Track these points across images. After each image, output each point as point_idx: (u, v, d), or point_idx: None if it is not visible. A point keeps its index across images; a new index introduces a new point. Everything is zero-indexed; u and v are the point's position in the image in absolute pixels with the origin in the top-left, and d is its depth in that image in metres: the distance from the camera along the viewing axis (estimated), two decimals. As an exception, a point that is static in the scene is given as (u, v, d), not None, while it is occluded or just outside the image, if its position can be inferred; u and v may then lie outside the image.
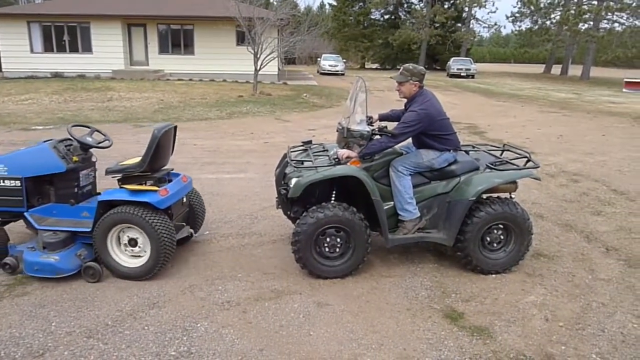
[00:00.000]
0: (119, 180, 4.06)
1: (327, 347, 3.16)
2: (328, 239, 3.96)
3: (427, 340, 3.26)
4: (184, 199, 4.45)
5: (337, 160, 3.98)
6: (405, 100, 4.27)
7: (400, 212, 4.10)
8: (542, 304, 3.74)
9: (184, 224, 4.54)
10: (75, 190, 4.23)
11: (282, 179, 4.32)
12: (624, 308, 3.71)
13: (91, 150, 4.42)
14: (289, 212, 4.44)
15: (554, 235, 5.20)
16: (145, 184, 3.98)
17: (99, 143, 4.42)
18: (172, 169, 4.42)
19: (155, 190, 3.87)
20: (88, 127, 4.56)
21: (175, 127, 4.29)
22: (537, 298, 3.84)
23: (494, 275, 4.18)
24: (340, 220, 3.89)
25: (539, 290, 3.97)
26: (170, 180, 4.24)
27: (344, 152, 4.02)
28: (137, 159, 4.03)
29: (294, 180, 3.92)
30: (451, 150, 4.19)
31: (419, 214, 4.12)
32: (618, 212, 5.98)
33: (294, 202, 4.26)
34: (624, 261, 4.57)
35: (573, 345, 3.23)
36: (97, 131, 4.55)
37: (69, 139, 4.33)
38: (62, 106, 14.82)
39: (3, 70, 23.02)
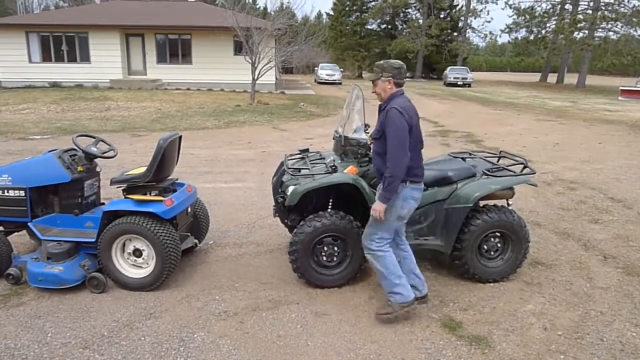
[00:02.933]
0: (123, 190, 4.05)
1: (324, 358, 3.14)
2: (325, 248, 3.95)
3: (425, 350, 3.24)
4: (189, 209, 4.44)
5: (333, 167, 3.98)
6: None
7: (389, 295, 3.50)
8: (540, 313, 3.73)
9: (189, 234, 4.53)
10: (80, 200, 4.23)
11: (279, 187, 4.32)
12: (622, 317, 3.70)
13: (95, 160, 4.41)
14: (286, 220, 4.44)
15: (551, 243, 5.19)
16: (150, 194, 3.97)
17: (104, 153, 4.41)
18: (177, 179, 4.41)
19: (161, 201, 3.86)
20: (93, 136, 4.55)
21: (181, 137, 4.29)
22: (536, 307, 3.83)
23: (492, 284, 4.17)
24: (337, 228, 3.88)
25: (537, 299, 3.96)
26: (175, 190, 4.22)
27: (376, 210, 3.36)
28: (142, 169, 4.01)
29: (291, 188, 3.92)
30: (407, 183, 3.38)
31: (412, 296, 3.51)
32: (615, 220, 5.99)
33: (291, 210, 4.25)
34: (622, 269, 4.57)
35: (572, 355, 3.21)
36: (102, 141, 4.55)
37: (74, 149, 4.33)
38: (60, 116, 14.82)
39: (1, 79, 23.02)
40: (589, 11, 35.78)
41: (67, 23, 23.01)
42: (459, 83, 34.75)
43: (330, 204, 4.05)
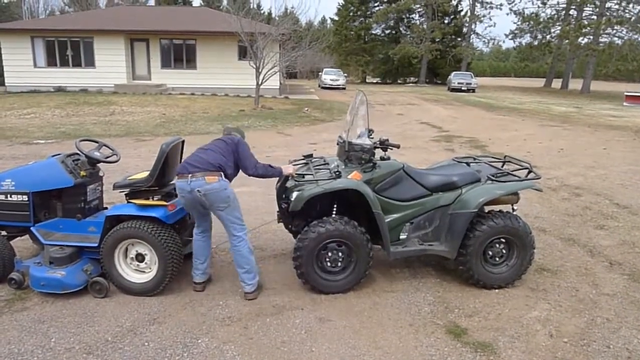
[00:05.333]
0: (126, 195, 4.05)
1: (329, 364, 3.12)
2: (330, 254, 3.93)
3: (430, 357, 3.22)
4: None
5: (337, 173, 3.97)
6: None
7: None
8: (546, 320, 3.70)
9: (191, 238, 4.53)
10: (83, 205, 4.22)
11: (283, 192, 4.31)
12: (629, 323, 3.67)
13: (98, 164, 4.42)
14: (290, 226, 4.43)
15: (557, 249, 5.16)
16: (153, 198, 3.97)
17: (107, 157, 4.42)
18: None
19: (163, 205, 3.86)
20: (96, 141, 4.56)
21: (183, 142, 4.30)
22: (541, 313, 3.80)
23: (497, 290, 4.14)
24: (341, 234, 3.87)
25: (542, 305, 3.93)
26: (177, 195, 4.22)
27: None
28: (145, 174, 4.02)
29: (295, 194, 3.91)
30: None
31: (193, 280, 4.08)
32: (621, 226, 5.95)
33: (295, 216, 4.25)
34: (628, 276, 4.54)
35: (578, 362, 3.19)
36: (105, 145, 4.56)
37: (77, 154, 4.33)
38: (65, 120, 14.88)
39: (6, 84, 23.17)
40: (594, 17, 35.73)
41: (72, 28, 23.16)
42: (463, 88, 34.74)
43: (334, 209, 4.04)
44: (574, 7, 37.40)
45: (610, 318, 3.75)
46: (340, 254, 3.95)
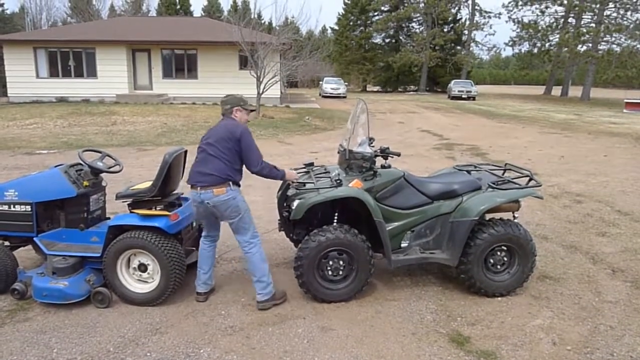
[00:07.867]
0: (129, 204, 4.06)
1: (331, 373, 3.11)
2: (331, 262, 3.93)
3: (433, 365, 3.21)
4: (194, 224, 4.45)
5: (338, 181, 3.98)
6: None
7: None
8: (549, 328, 3.69)
9: (194, 248, 4.53)
10: (85, 215, 4.24)
11: (284, 201, 4.32)
12: (632, 331, 3.66)
13: (101, 174, 4.43)
14: (291, 235, 4.44)
15: (559, 256, 5.16)
16: (156, 208, 3.98)
17: (110, 168, 4.44)
18: (182, 193, 4.42)
19: (166, 215, 3.87)
20: (99, 151, 4.58)
21: (186, 152, 4.32)
22: (544, 321, 3.79)
23: (499, 298, 4.13)
24: (342, 242, 3.87)
25: (545, 313, 3.92)
26: (180, 205, 4.24)
27: None
28: (148, 184, 4.03)
29: (296, 202, 3.92)
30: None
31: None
32: (623, 233, 5.94)
33: (297, 224, 4.26)
34: (631, 283, 4.52)
35: (582, 370, 3.17)
36: (108, 155, 4.58)
37: (80, 164, 4.35)
38: (67, 130, 14.93)
39: (9, 95, 23.27)
40: (592, 24, 35.88)
41: (74, 39, 23.28)
42: (463, 96, 34.81)
43: (335, 218, 4.04)
44: (572, 15, 37.58)
45: (613, 325, 3.74)
46: (341, 262, 3.95)
